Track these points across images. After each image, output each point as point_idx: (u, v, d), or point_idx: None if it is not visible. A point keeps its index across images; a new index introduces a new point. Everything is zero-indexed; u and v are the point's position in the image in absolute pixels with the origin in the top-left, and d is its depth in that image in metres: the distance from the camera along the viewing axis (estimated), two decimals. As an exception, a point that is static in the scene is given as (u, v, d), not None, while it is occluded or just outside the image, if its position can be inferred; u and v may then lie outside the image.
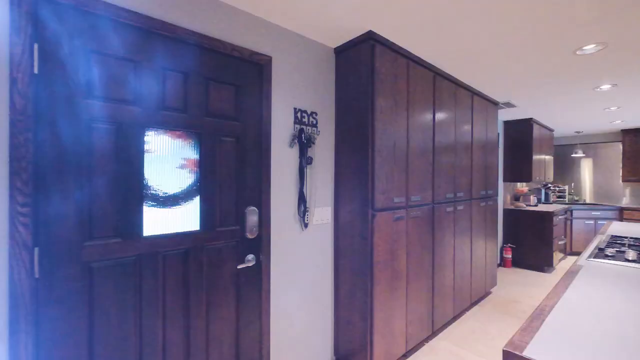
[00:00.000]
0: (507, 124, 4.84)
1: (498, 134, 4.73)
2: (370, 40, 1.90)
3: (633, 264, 1.56)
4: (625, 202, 5.79)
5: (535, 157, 4.82)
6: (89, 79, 1.22)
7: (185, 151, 1.53)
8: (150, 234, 1.38)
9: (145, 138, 1.38)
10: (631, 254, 1.71)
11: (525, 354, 0.79)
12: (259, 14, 1.71)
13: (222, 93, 1.60)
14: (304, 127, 1.93)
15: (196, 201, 1.54)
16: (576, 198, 6.30)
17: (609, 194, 6.03)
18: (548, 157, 5.46)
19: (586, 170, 6.33)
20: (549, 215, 4.46)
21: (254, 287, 1.72)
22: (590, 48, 2.14)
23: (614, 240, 2.15)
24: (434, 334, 2.59)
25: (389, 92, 2.01)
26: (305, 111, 1.95)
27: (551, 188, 6.10)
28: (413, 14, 1.71)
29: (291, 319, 1.91)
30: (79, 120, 1.20)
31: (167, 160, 1.47)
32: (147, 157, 1.39)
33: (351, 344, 2.04)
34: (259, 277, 1.74)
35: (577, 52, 2.21)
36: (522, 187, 5.28)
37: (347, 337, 2.07)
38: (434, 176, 2.47)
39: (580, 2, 1.59)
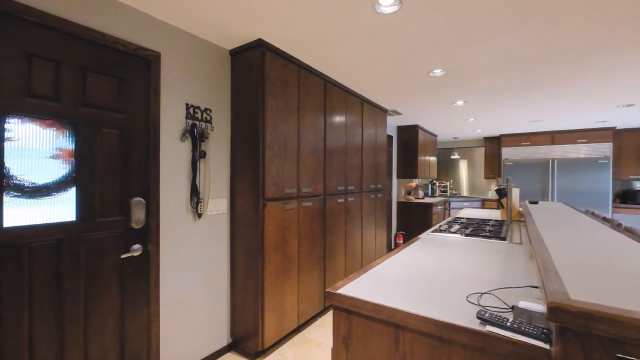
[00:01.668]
0: (400, 128, 5.65)
1: (392, 136, 5.51)
2: (260, 47, 2.12)
3: (452, 235, 2.12)
4: (490, 195, 7.31)
5: (421, 157, 5.76)
6: None
7: (60, 141, 1.49)
8: (12, 225, 1.32)
9: (6, 126, 1.32)
10: (454, 228, 2.31)
11: (337, 291, 1.10)
12: (147, 11, 1.75)
13: (104, 85, 1.60)
14: (197, 122, 2.04)
15: (72, 192, 1.52)
16: (455, 192, 7.68)
17: (478, 188, 7.51)
18: (432, 158, 6.56)
19: (462, 170, 7.76)
20: (429, 206, 5.39)
21: (141, 276, 1.76)
22: (438, 72, 2.76)
23: (455, 221, 2.81)
24: (326, 309, 2.96)
25: (280, 95, 2.26)
26: (198, 107, 2.05)
27: (436, 184, 7.34)
28: (296, 29, 1.98)
29: (186, 305, 1.99)
30: None
31: (36, 150, 1.42)
32: (8, 145, 1.33)
33: (246, 325, 2.22)
34: (146, 266, 1.78)
35: (430, 74, 2.82)
36: (411, 182, 6.22)
37: (242, 318, 2.25)
38: (326, 170, 2.83)
39: (427, 36, 2.08)
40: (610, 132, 5.51)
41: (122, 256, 1.66)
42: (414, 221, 5.61)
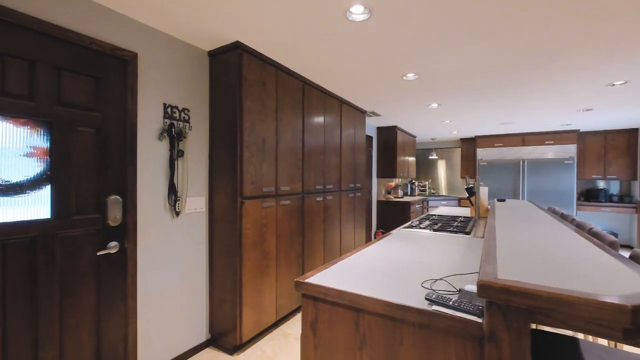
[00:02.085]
0: (379, 129, 5.81)
1: (372, 137, 5.65)
2: (238, 49, 2.17)
3: (422, 230, 2.25)
4: (465, 193, 7.60)
5: (400, 158, 5.94)
6: None
7: (34, 139, 1.51)
8: (-15, 223, 1.33)
9: (-22, 124, 1.33)
10: (425, 224, 2.45)
11: (305, 280, 1.18)
12: (124, 12, 1.78)
13: (79, 84, 1.62)
14: (175, 121, 2.07)
15: (47, 190, 1.53)
16: (433, 191, 7.94)
17: (455, 187, 7.79)
18: (411, 158, 6.76)
19: (441, 169, 8.02)
20: (407, 205, 5.58)
21: (118, 272, 1.79)
22: (411, 76, 2.90)
23: (427, 217, 2.96)
24: (305, 304, 3.04)
25: (258, 96, 2.32)
26: (176, 107, 2.09)
27: (415, 183, 7.56)
28: (273, 33, 2.05)
29: (164, 301, 2.03)
30: None
31: (10, 148, 1.43)
32: (-20, 143, 1.34)
33: (224, 320, 2.27)
34: (123, 262, 1.81)
35: (403, 78, 2.95)
36: (390, 182, 6.39)
37: (221, 314, 2.29)
38: (304, 170, 2.91)
39: (398, 43, 2.20)
40: (575, 135, 5.87)
41: (99, 253, 1.68)
42: (393, 219, 5.79)
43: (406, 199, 6.03)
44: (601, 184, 6.26)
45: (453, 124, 5.41)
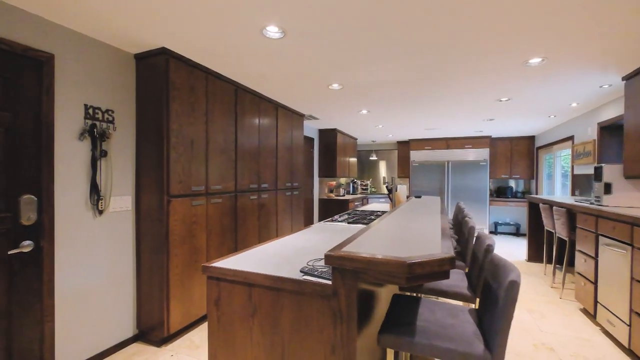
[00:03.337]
0: (321, 131, 6.15)
1: (313, 139, 5.97)
2: (165, 55, 2.28)
3: (339, 223, 2.56)
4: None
5: (341, 158, 6.34)
6: None
7: None
8: None
9: None
10: (343, 217, 2.78)
11: (210, 264, 1.38)
12: (39, 13, 1.79)
13: (-13, 83, 1.62)
14: (97, 122, 2.11)
15: (-52, 189, 1.51)
16: (374, 190, 8.54)
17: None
18: (352, 159, 7.24)
19: (382, 169, 8.65)
20: (346, 202, 5.99)
21: (33, 271, 1.80)
22: (336, 86, 3.23)
23: (349, 212, 3.31)
24: (239, 297, 3.20)
25: (186, 100, 2.44)
26: (99, 108, 2.13)
27: (357, 183, 8.08)
28: (199, 42, 2.19)
29: (86, 299, 2.06)
30: None
31: None
32: None
33: (152, 314, 2.35)
34: (39, 261, 1.83)
35: (329, 87, 3.27)
36: (332, 181, 6.78)
37: (149, 309, 2.37)
38: (237, 170, 3.08)
39: (316, 58, 2.47)
40: (488, 140, 6.80)
41: (10, 252, 1.69)
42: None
43: (347, 197, 6.46)
44: (511, 183, 7.34)
45: (386, 128, 5.94)
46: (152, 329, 2.36)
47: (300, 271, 1.24)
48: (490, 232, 7.32)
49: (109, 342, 2.21)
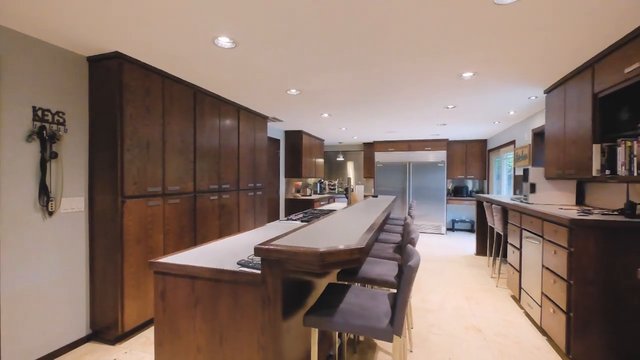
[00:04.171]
0: (287, 133, 6.29)
1: (279, 140, 6.09)
2: (118, 59, 2.32)
3: (293, 221, 2.72)
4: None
5: (307, 159, 6.52)
6: None
7: None
8: None
9: None
10: (299, 216, 2.95)
11: (157, 260, 1.49)
12: (-19, 13, 1.79)
13: None
14: (47, 124, 2.12)
15: None
16: (341, 190, 8.81)
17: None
18: (319, 160, 7.44)
19: (350, 170, 8.93)
20: (312, 202, 6.18)
21: (-24, 273, 1.80)
22: (294, 91, 3.39)
23: (307, 211, 3.49)
24: (198, 295, 3.28)
25: (141, 102, 2.50)
26: (48, 110, 2.14)
27: (325, 183, 8.30)
28: (153, 47, 2.26)
29: (35, 301, 2.06)
30: None
31: None
32: None
33: (106, 314, 2.39)
34: (-17, 263, 1.82)
35: (287, 92, 3.43)
36: (298, 182, 6.95)
37: (103, 308, 2.40)
38: (196, 171, 3.15)
39: (271, 66, 2.61)
40: (445, 143, 7.28)
41: (-49, 254, 1.69)
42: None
43: (313, 196, 6.64)
44: (468, 183, 7.88)
45: (350, 130, 6.20)
46: (106, 328, 2.39)
47: (237, 263, 1.39)
48: (448, 229, 7.83)
49: (59, 343, 2.22)
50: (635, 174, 1.96)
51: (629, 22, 1.85)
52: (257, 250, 1.21)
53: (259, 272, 1.30)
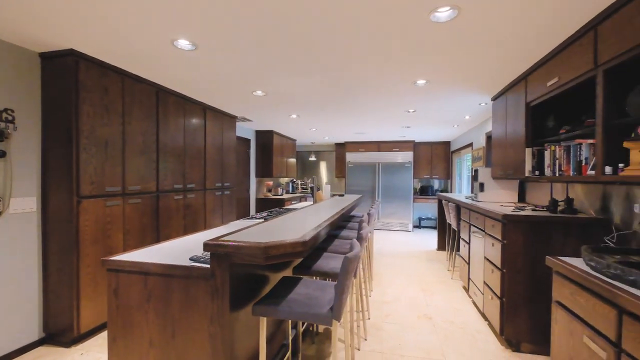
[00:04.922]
0: (257, 132, 6.32)
1: (250, 139, 6.10)
2: (73, 56, 2.29)
3: (256, 220, 2.80)
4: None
5: (278, 159, 6.57)
6: None
7: None
8: None
9: None
10: (263, 215, 3.03)
11: (110, 258, 1.52)
12: None
13: None
14: (-5, 122, 2.06)
15: None
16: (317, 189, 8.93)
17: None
18: (291, 160, 7.52)
19: (323, 170, 9.08)
20: (282, 201, 6.26)
21: None
22: (259, 92, 3.46)
23: (271, 210, 3.57)
24: (162, 295, 3.26)
25: (99, 101, 2.47)
26: (-4, 107, 2.07)
27: (297, 182, 8.39)
28: (112, 46, 2.25)
29: (-22, 304, 2.00)
30: None
31: None
32: None
33: (61, 316, 2.34)
34: None
35: (253, 94, 3.49)
36: (269, 181, 6.99)
37: (57, 310, 2.35)
38: (159, 170, 3.13)
39: (233, 68, 2.66)
40: (412, 144, 7.61)
41: None
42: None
43: (284, 196, 6.71)
44: (434, 182, 8.28)
45: (320, 131, 6.33)
46: (62, 331, 2.35)
47: (190, 259, 1.45)
48: (415, 227, 8.19)
49: (8, 347, 2.16)
50: (557, 174, 2.23)
51: (550, 41, 2.11)
52: (206, 246, 1.29)
53: (208, 266, 1.38)
